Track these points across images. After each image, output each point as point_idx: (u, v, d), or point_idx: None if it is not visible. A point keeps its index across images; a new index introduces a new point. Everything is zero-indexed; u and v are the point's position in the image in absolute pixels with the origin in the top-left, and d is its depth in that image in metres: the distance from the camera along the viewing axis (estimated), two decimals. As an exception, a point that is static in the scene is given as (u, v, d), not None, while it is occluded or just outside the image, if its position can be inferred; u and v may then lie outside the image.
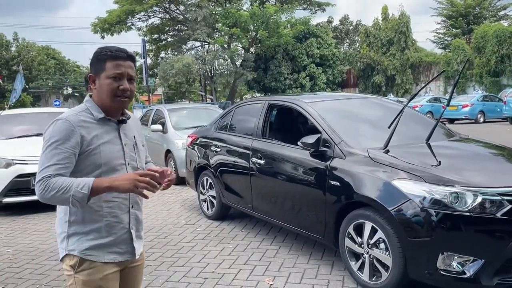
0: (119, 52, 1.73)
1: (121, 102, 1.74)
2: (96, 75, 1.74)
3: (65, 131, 1.64)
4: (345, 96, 5.29)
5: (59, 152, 1.62)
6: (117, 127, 1.79)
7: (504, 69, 26.76)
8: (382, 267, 3.14)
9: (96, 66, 1.73)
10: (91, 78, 1.75)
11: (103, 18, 32.21)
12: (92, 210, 1.70)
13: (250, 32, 31.51)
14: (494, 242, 2.81)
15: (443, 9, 37.74)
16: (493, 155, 3.82)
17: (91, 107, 1.75)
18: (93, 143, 1.69)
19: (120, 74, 1.71)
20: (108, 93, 1.71)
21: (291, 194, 3.98)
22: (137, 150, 1.85)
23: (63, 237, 1.74)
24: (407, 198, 2.94)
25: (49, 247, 4.57)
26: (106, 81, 1.71)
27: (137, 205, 1.85)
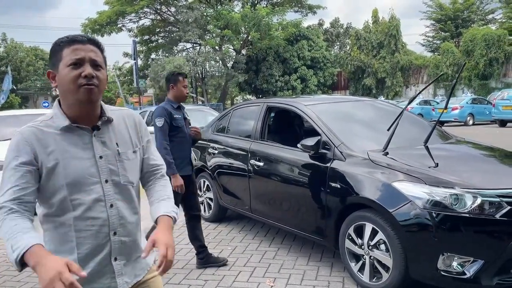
0: (77, 36, 1.43)
1: (88, 91, 1.37)
2: (54, 69, 1.42)
3: (16, 146, 1.37)
4: (343, 99, 5.34)
5: (14, 173, 1.35)
6: (90, 135, 1.44)
7: (492, 72, 27.17)
8: (382, 268, 3.17)
9: (53, 59, 1.42)
10: (50, 75, 1.44)
11: (93, 19, 32.03)
12: (62, 240, 1.41)
13: (241, 34, 31.55)
14: (493, 243, 2.86)
15: (432, 12, 38.18)
16: (489, 157, 3.89)
17: (56, 114, 1.43)
18: (50, 160, 1.37)
19: (80, 59, 1.38)
20: (70, 84, 1.38)
21: (290, 196, 4.01)
22: (120, 162, 1.47)
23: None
24: (407, 199, 2.98)
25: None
26: (65, 70, 1.38)
27: (124, 229, 1.48)
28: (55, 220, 1.42)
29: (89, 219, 1.41)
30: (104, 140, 1.46)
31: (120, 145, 1.49)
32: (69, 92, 1.39)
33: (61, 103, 1.45)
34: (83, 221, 1.40)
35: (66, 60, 1.38)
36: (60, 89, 1.42)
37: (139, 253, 1.51)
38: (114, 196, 1.45)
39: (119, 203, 1.47)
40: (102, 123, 1.46)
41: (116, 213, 1.45)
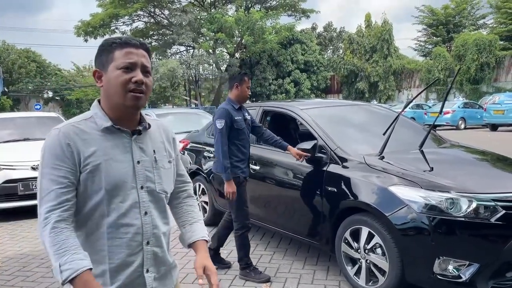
0: (131, 39, 1.40)
1: (136, 98, 1.35)
2: (103, 69, 1.38)
3: (58, 146, 1.30)
4: (338, 103, 5.37)
5: (55, 173, 1.29)
6: (129, 139, 1.40)
7: (483, 77, 27.45)
8: (378, 272, 3.19)
9: (102, 58, 1.38)
10: (96, 74, 1.40)
11: (87, 21, 31.93)
12: (95, 249, 1.34)
13: (235, 38, 31.59)
14: (488, 246, 2.89)
15: (424, 17, 38.50)
16: (483, 161, 3.93)
17: (97, 114, 1.39)
18: (92, 160, 1.32)
19: (132, 63, 1.35)
20: (119, 88, 1.34)
21: (286, 200, 4.02)
22: (156, 169, 1.43)
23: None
24: (404, 203, 3.00)
25: (40, 253, 4.50)
26: (115, 72, 1.34)
27: (156, 240, 1.42)
28: (87, 226, 1.35)
29: (123, 226, 1.35)
30: (142, 146, 1.42)
31: (156, 153, 1.45)
32: (116, 95, 1.35)
33: (101, 103, 1.41)
34: (116, 228, 1.34)
35: (118, 63, 1.34)
36: (107, 90, 1.38)
37: (167, 267, 1.48)
38: (148, 204, 1.40)
39: (153, 212, 1.42)
40: (142, 129, 1.43)
41: (150, 221, 1.40)
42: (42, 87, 45.74)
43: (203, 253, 1.50)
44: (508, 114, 18.07)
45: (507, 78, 27.54)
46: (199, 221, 1.60)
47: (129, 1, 30.60)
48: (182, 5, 33.94)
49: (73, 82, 47.86)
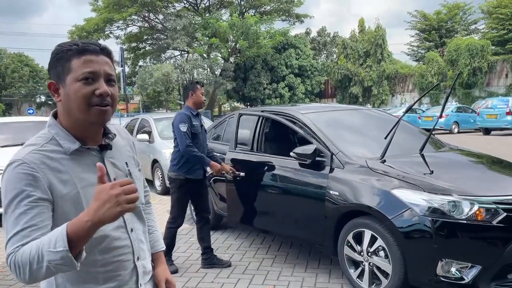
0: (89, 45, 1.21)
1: (101, 113, 1.20)
2: (59, 80, 1.21)
3: (25, 179, 1.11)
4: (338, 107, 5.40)
5: (26, 211, 1.09)
6: (99, 156, 1.26)
7: (476, 82, 27.73)
8: (381, 275, 3.22)
9: (58, 69, 1.20)
10: (52, 87, 1.22)
11: (81, 25, 31.86)
12: (87, 277, 1.21)
13: (229, 42, 31.67)
14: (490, 248, 2.93)
15: (416, 22, 38.87)
16: (482, 164, 3.98)
17: (58, 134, 1.21)
18: (69, 191, 1.16)
19: (94, 73, 1.18)
20: (81, 103, 1.18)
21: (288, 204, 4.03)
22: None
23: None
24: (406, 206, 3.04)
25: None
26: (75, 85, 1.18)
27: (143, 253, 1.36)
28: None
29: (115, 249, 1.25)
30: (114, 161, 1.30)
31: (129, 165, 1.35)
32: (78, 110, 1.19)
33: (60, 121, 1.24)
34: (108, 252, 1.23)
35: (78, 74, 1.17)
36: (66, 105, 1.21)
37: (149, 274, 1.41)
38: (132, 220, 1.32)
39: (136, 226, 1.34)
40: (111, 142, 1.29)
41: (136, 237, 1.32)
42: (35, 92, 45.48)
43: (163, 266, 1.50)
44: (500, 118, 18.28)
45: (499, 83, 27.84)
46: (157, 231, 1.58)
47: (124, 6, 30.59)
48: (176, 9, 33.99)
49: (66, 86, 47.61)
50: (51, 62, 1.22)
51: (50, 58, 1.23)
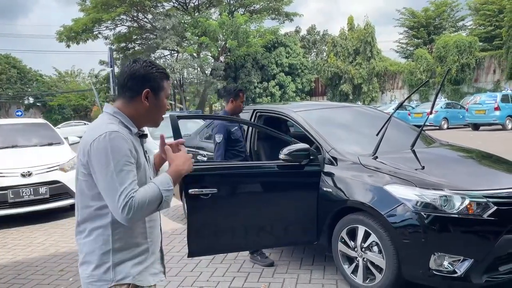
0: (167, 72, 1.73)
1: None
2: (154, 92, 1.63)
3: (126, 145, 1.50)
4: (330, 105, 5.44)
5: (130, 169, 1.49)
6: (141, 141, 1.68)
7: (464, 78, 28.05)
8: (375, 270, 3.25)
9: (154, 84, 1.63)
10: (148, 94, 1.61)
11: (69, 26, 31.59)
12: (137, 233, 1.61)
13: (219, 41, 31.62)
14: (482, 242, 2.98)
15: (405, 20, 39.18)
16: (472, 159, 4.04)
17: (125, 119, 1.61)
18: (139, 158, 1.57)
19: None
20: (162, 112, 1.68)
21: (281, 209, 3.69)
22: (150, 166, 1.74)
23: (106, 268, 1.55)
24: (399, 202, 3.08)
25: (34, 261, 4.46)
26: (164, 101, 1.66)
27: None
28: None
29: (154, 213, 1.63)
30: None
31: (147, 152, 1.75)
32: (158, 116, 1.68)
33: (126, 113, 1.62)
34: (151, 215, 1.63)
35: (167, 93, 1.67)
36: (151, 111, 1.64)
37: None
38: None
39: None
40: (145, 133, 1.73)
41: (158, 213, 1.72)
42: (23, 93, 45.01)
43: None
44: (489, 113, 18.51)
45: (487, 79, 28.18)
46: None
47: (112, 6, 30.40)
48: (166, 9, 33.85)
49: (55, 88, 47.21)
50: (148, 75, 1.61)
51: (144, 72, 1.61)
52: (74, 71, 51.59)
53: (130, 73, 1.61)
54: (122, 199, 1.44)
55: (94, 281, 1.56)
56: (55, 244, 5.06)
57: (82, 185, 1.56)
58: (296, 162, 3.57)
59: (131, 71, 1.62)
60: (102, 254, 1.55)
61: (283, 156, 3.54)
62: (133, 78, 1.61)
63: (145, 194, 1.48)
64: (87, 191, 1.55)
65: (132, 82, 1.61)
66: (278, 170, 3.64)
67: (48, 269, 4.23)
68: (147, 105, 1.62)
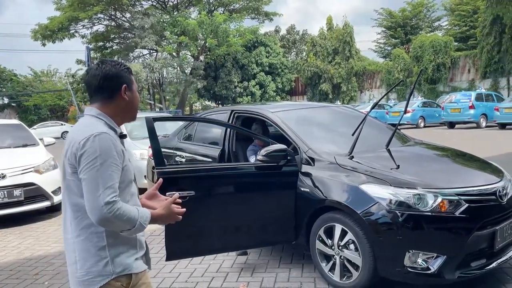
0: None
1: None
2: (128, 86, 1.73)
3: (112, 146, 1.57)
4: (307, 105, 5.47)
5: (114, 170, 1.56)
6: (121, 141, 1.75)
7: (440, 77, 28.63)
8: (352, 267, 3.30)
9: (127, 79, 1.73)
10: (126, 89, 1.71)
11: (44, 24, 30.92)
12: (128, 241, 1.70)
13: (199, 41, 31.47)
14: (454, 238, 3.05)
15: (382, 20, 39.73)
16: (445, 157, 4.14)
17: (109, 121, 1.69)
18: (125, 158, 1.65)
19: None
20: (137, 106, 1.78)
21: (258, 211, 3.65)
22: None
23: (105, 262, 1.61)
24: (374, 201, 3.13)
25: (8, 265, 4.37)
26: (136, 93, 1.78)
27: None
28: None
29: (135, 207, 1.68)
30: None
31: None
32: (134, 110, 1.77)
33: (108, 113, 1.69)
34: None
35: (136, 86, 1.78)
36: (129, 105, 1.74)
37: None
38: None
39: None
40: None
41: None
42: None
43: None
44: (464, 112, 18.95)
45: (462, 78, 28.83)
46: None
47: (89, 4, 29.91)
48: (144, 8, 33.50)
49: (31, 88, 46.16)
50: (119, 72, 1.70)
51: (116, 69, 1.70)
52: (50, 71, 50.59)
53: (104, 75, 1.67)
54: (104, 197, 1.50)
55: (92, 278, 1.60)
56: (30, 248, 4.97)
57: (70, 184, 1.60)
58: (273, 162, 3.59)
59: (103, 72, 1.67)
60: (98, 250, 1.61)
61: (261, 157, 3.58)
62: (108, 79, 1.67)
63: (128, 210, 1.56)
64: (76, 189, 1.59)
65: (108, 83, 1.68)
66: (256, 171, 3.66)
67: (23, 273, 4.16)
68: (127, 99, 1.72)
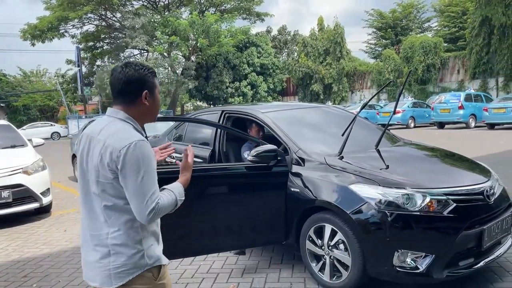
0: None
1: None
2: (150, 91, 1.77)
3: (151, 153, 1.68)
4: (298, 105, 5.48)
5: (155, 176, 1.68)
6: None
7: (430, 78, 28.89)
8: (342, 267, 3.32)
9: (149, 84, 1.77)
10: (146, 95, 1.75)
11: (34, 24, 30.65)
12: (156, 222, 1.81)
13: (190, 41, 31.39)
14: (442, 238, 3.08)
15: (373, 21, 39.98)
16: (434, 158, 4.17)
17: (136, 124, 1.76)
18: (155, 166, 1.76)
19: None
20: (157, 110, 1.84)
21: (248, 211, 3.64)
22: None
23: (140, 255, 1.71)
24: (363, 201, 3.14)
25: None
26: (158, 96, 1.83)
27: None
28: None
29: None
30: None
31: None
32: (154, 114, 1.84)
33: (133, 115, 1.76)
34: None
35: (158, 89, 1.83)
36: (151, 108, 1.79)
37: None
38: None
39: None
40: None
41: None
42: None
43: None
44: (453, 112, 19.13)
45: (452, 79, 29.10)
46: None
47: (79, 4, 29.70)
48: (135, 8, 33.35)
49: (20, 88, 45.67)
50: (143, 76, 1.74)
51: (140, 73, 1.73)
52: (40, 71, 50.09)
53: (126, 79, 1.71)
54: (150, 203, 1.63)
55: (127, 269, 1.69)
56: (18, 250, 4.92)
57: (106, 187, 1.66)
58: (264, 163, 3.60)
59: (126, 77, 1.71)
60: (134, 244, 1.70)
61: (251, 158, 3.58)
62: (130, 83, 1.72)
63: (167, 201, 1.70)
64: (113, 191, 1.66)
65: (130, 87, 1.72)
66: (246, 171, 3.66)
67: (11, 275, 4.11)
68: (147, 105, 1.76)
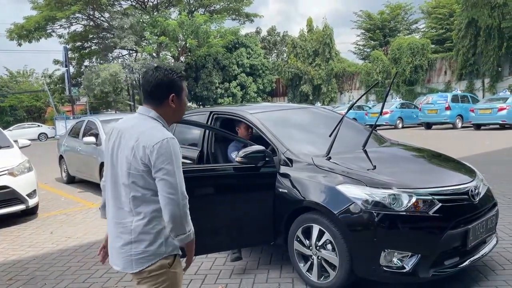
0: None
1: None
2: (177, 94, 1.90)
3: (179, 150, 1.81)
4: (286, 106, 5.49)
5: (182, 172, 1.83)
6: None
7: (417, 79, 29.19)
8: (329, 267, 3.33)
9: (177, 88, 1.90)
10: (173, 97, 1.88)
11: (20, 24, 30.29)
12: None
13: (179, 41, 31.29)
14: (428, 237, 3.11)
15: (362, 22, 40.26)
16: (420, 158, 4.21)
17: (164, 124, 1.89)
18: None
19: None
20: (183, 111, 1.97)
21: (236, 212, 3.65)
22: None
23: (159, 243, 1.84)
24: (350, 201, 3.17)
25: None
26: (185, 99, 1.96)
27: None
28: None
29: None
30: None
31: None
32: (182, 113, 1.98)
33: (162, 116, 1.89)
34: None
35: (186, 92, 1.97)
36: (177, 110, 1.92)
37: None
38: None
39: None
40: None
41: None
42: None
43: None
44: (440, 113, 19.34)
45: (439, 80, 29.43)
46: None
47: (66, 3, 29.42)
48: (123, 7, 33.14)
49: (6, 88, 45.06)
50: (172, 80, 1.88)
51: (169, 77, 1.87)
52: (27, 71, 49.50)
53: (156, 83, 1.85)
54: (184, 194, 1.80)
55: (147, 256, 1.82)
56: (4, 252, 4.86)
57: (136, 178, 1.79)
58: (252, 164, 3.60)
59: (156, 80, 1.85)
60: (156, 232, 1.82)
61: (239, 159, 3.58)
62: (158, 86, 1.85)
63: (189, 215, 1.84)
64: (143, 183, 1.79)
65: (158, 90, 1.86)
66: (234, 172, 3.66)
67: (-4, 279, 4.06)
68: (173, 107, 1.90)
